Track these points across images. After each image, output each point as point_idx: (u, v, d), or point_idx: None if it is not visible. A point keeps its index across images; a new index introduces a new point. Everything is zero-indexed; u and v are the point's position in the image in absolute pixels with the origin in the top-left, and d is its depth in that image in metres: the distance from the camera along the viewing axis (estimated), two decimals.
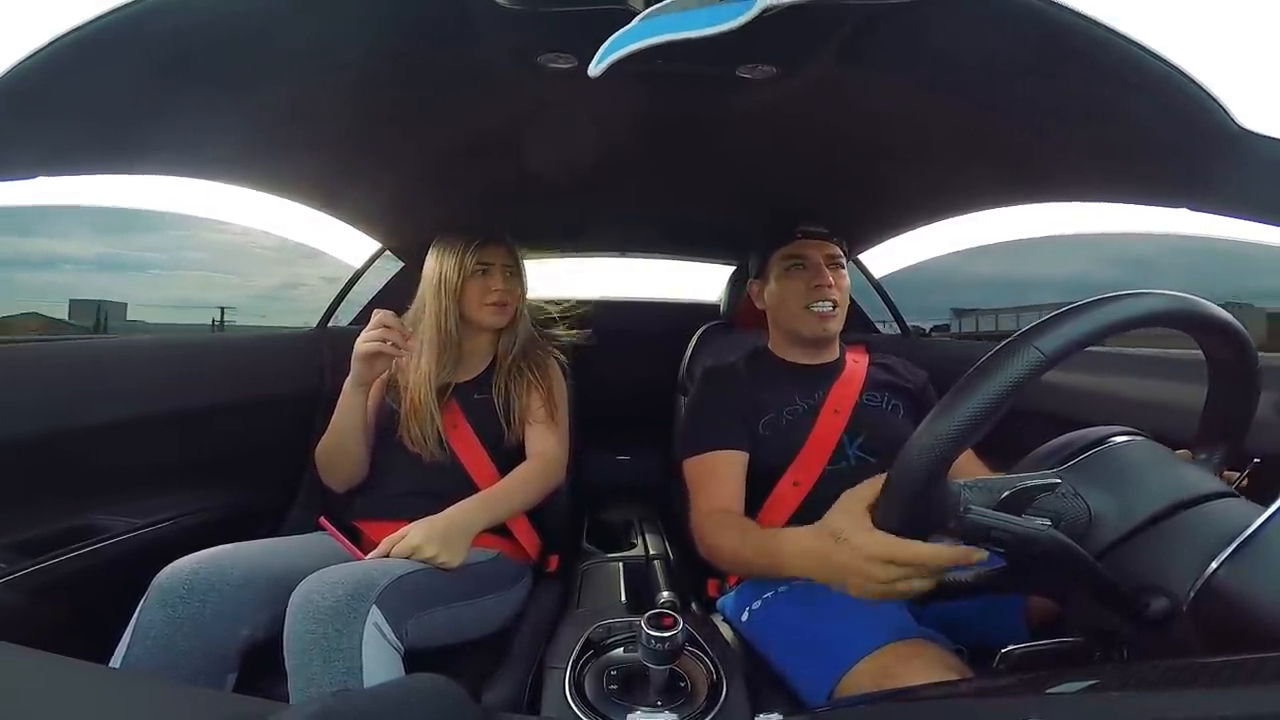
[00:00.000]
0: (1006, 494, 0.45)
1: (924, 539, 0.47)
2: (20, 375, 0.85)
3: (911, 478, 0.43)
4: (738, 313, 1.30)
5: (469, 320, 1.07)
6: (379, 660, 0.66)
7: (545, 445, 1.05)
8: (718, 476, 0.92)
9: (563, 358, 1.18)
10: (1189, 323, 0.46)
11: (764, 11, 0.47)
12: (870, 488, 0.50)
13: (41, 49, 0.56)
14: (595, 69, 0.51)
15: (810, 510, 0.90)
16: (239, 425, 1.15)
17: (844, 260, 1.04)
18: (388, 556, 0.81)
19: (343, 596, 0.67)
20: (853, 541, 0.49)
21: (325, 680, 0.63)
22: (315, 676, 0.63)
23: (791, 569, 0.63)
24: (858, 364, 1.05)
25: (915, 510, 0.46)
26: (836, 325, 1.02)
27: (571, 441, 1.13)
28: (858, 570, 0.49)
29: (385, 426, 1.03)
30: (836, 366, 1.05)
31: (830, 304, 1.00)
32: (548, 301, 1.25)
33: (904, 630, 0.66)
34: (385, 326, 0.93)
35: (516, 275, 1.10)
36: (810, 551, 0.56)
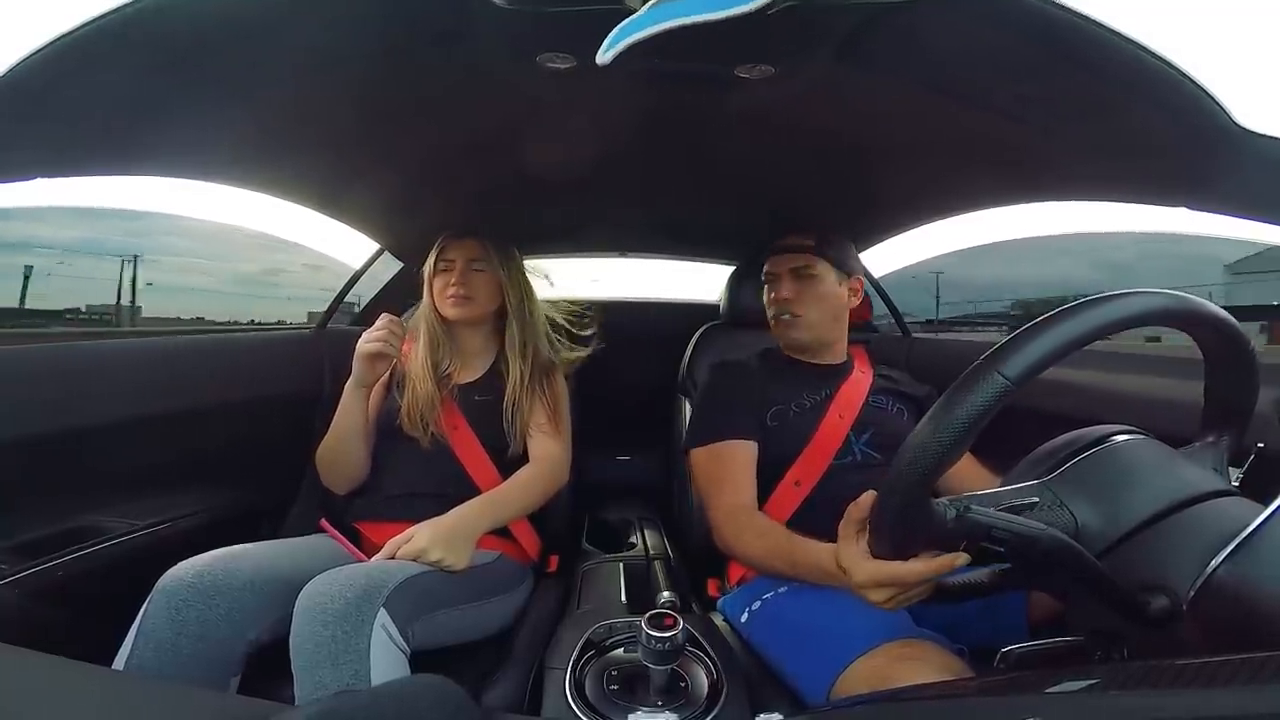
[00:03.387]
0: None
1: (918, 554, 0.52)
2: (21, 376, 0.85)
3: (893, 507, 0.46)
4: (753, 310, 1.31)
5: (442, 315, 1.09)
6: (387, 662, 0.66)
7: (549, 448, 1.05)
8: (731, 467, 0.93)
9: (569, 356, 1.18)
10: (1176, 320, 0.46)
11: (756, 21, 0.47)
12: (853, 515, 0.57)
13: (41, 49, 0.56)
14: (604, 56, 0.50)
15: (811, 509, 0.91)
16: (239, 426, 1.15)
17: (817, 269, 1.05)
18: (393, 558, 0.81)
19: (351, 599, 0.67)
20: (848, 573, 0.56)
21: (333, 682, 0.63)
22: (323, 678, 0.63)
23: (814, 581, 0.72)
24: (864, 373, 1.07)
25: (902, 536, 0.49)
26: (800, 334, 1.05)
27: (572, 442, 1.13)
28: (860, 595, 0.56)
29: (388, 426, 1.03)
30: (844, 369, 1.07)
31: (790, 315, 1.04)
32: (554, 303, 1.25)
33: (902, 630, 0.66)
34: (389, 329, 0.95)
35: (487, 272, 1.10)
36: (830, 575, 0.63)
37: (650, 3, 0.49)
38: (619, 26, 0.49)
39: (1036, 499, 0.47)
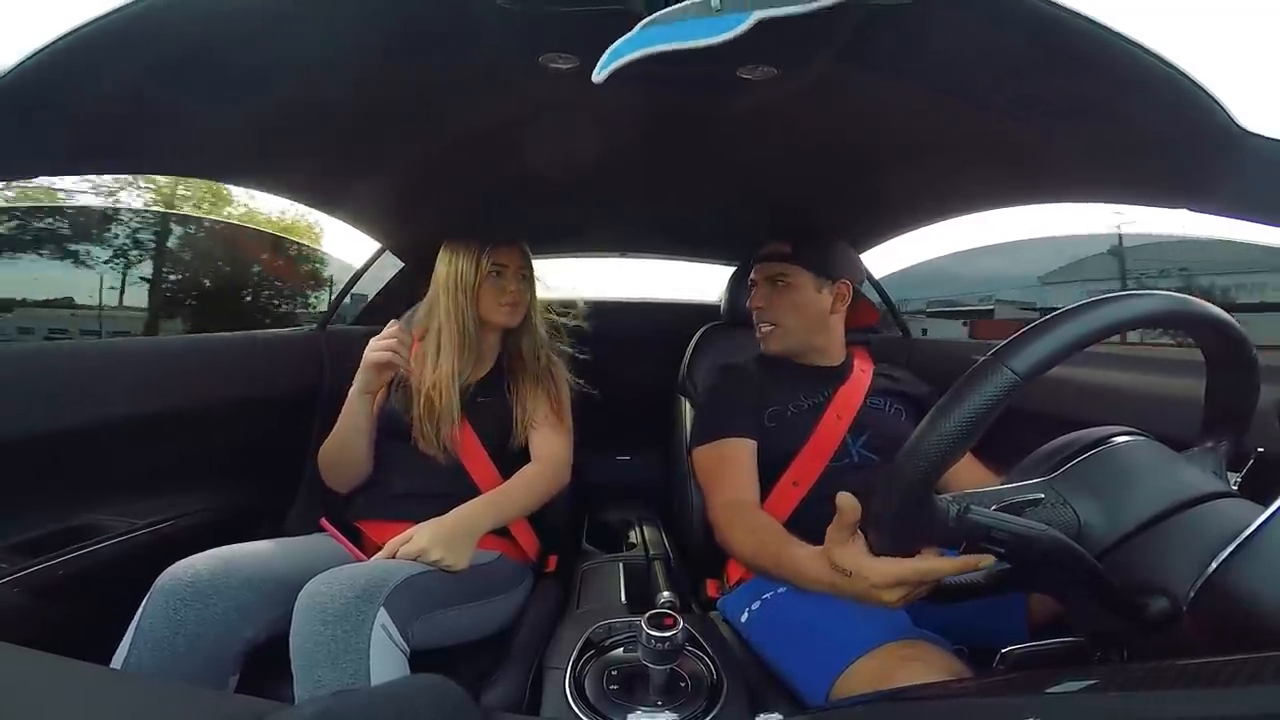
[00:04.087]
0: (994, 508, 0.46)
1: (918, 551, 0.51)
2: (22, 376, 0.85)
3: (898, 502, 0.45)
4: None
5: (484, 320, 1.07)
6: (386, 662, 0.66)
7: (551, 447, 1.05)
8: (731, 465, 0.94)
9: (567, 350, 1.19)
10: (1179, 322, 0.46)
11: (757, 23, 0.48)
12: (846, 515, 0.54)
13: (41, 49, 0.56)
14: (599, 75, 0.52)
15: (809, 509, 0.91)
16: (239, 426, 1.15)
17: (791, 277, 1.05)
18: (393, 558, 0.81)
19: (351, 598, 0.67)
20: (858, 574, 0.53)
21: (333, 681, 0.63)
22: (323, 678, 0.63)
23: (801, 586, 0.67)
24: (864, 372, 1.07)
25: (906, 532, 0.48)
26: (774, 342, 1.07)
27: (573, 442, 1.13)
28: (869, 597, 0.53)
29: (388, 427, 1.03)
30: (843, 370, 1.07)
31: (766, 324, 1.06)
32: (547, 304, 1.25)
33: (903, 630, 0.66)
34: (398, 339, 0.95)
35: (528, 278, 1.12)
36: (818, 581, 0.61)
37: (644, 22, 0.50)
38: (613, 47, 0.51)
39: (1041, 495, 0.47)
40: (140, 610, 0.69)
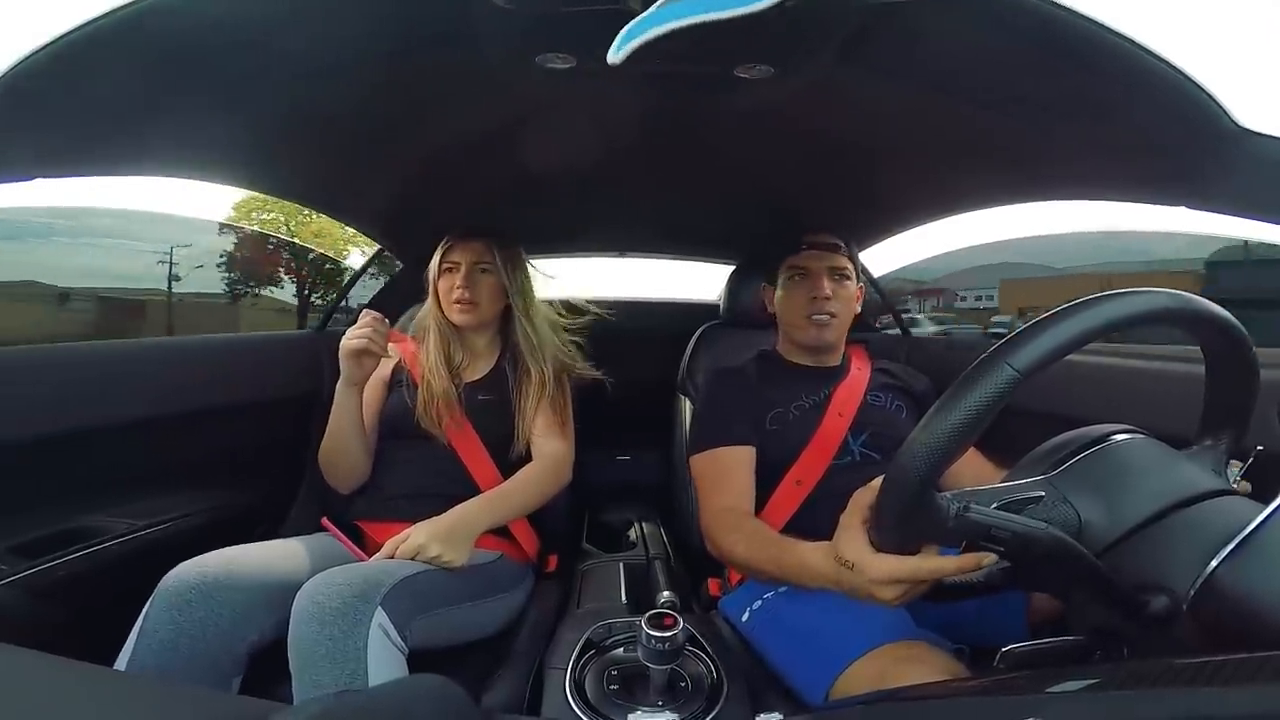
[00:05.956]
0: (994, 507, 0.46)
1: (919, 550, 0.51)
2: (22, 378, 0.85)
3: (899, 500, 0.45)
4: (752, 308, 1.29)
5: (448, 318, 1.08)
6: (384, 662, 0.66)
7: (554, 447, 1.05)
8: (727, 473, 0.93)
9: (574, 356, 1.17)
10: (1179, 320, 0.46)
11: (757, 21, 0.46)
12: (859, 506, 0.54)
13: (41, 49, 0.56)
14: (615, 56, 0.49)
15: (812, 509, 0.91)
16: (239, 427, 1.15)
17: (850, 271, 1.04)
18: (392, 557, 0.81)
19: (348, 598, 0.67)
20: (859, 568, 0.52)
21: (330, 682, 0.63)
22: (320, 678, 0.63)
23: (801, 584, 0.65)
24: (861, 370, 1.07)
25: (908, 530, 0.48)
26: (833, 335, 1.04)
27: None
28: (867, 592, 0.52)
29: (392, 427, 1.03)
30: (841, 370, 1.07)
31: (827, 315, 1.02)
32: (555, 304, 1.24)
33: (902, 631, 0.66)
34: (372, 325, 0.94)
35: (491, 274, 1.07)
36: (821, 575, 0.59)
37: (658, 2, 0.48)
38: (629, 26, 0.49)
39: (1041, 494, 0.47)
40: (144, 612, 0.69)
